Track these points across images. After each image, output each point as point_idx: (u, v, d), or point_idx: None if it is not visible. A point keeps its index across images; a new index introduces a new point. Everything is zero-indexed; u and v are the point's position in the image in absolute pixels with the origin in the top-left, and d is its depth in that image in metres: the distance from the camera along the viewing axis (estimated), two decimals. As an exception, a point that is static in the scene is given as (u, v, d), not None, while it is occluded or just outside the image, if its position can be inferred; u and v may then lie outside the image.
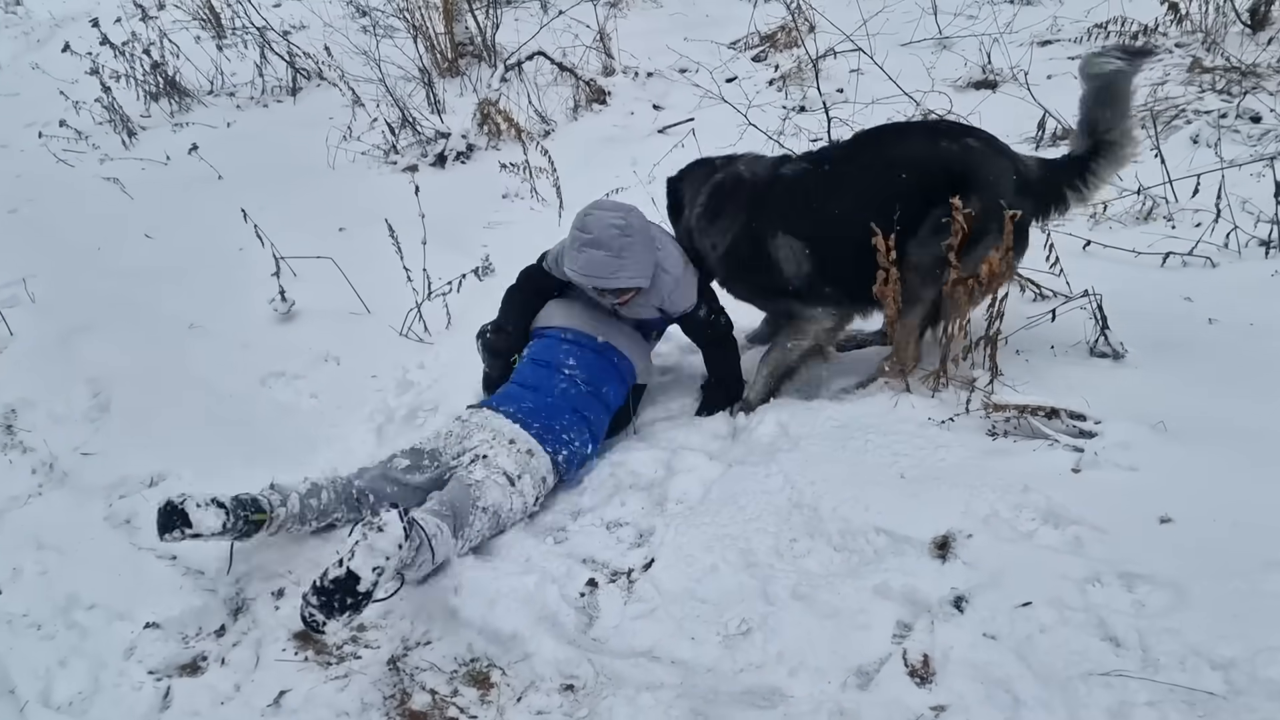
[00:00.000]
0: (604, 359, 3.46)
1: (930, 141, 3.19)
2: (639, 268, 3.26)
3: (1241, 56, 5.28)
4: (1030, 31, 6.62)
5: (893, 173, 3.13)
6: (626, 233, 3.21)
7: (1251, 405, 2.84)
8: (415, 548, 2.60)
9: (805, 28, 7.43)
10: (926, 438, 3.00)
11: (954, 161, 3.09)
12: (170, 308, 4.74)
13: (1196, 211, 4.06)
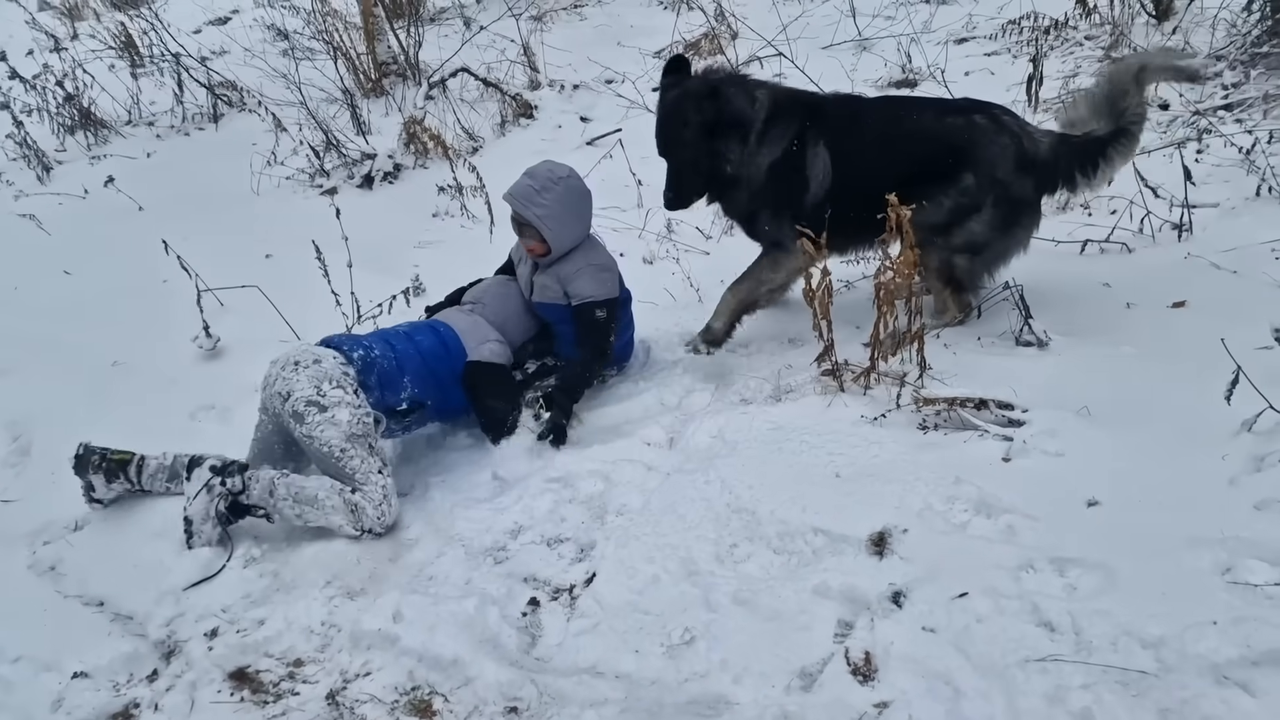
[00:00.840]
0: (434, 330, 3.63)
1: (938, 117, 3.47)
2: (553, 213, 3.58)
3: (1149, 46, 5.43)
4: (947, 30, 6.75)
5: (906, 138, 3.46)
6: (557, 181, 3.61)
7: (1169, 386, 2.90)
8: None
9: (728, 35, 7.51)
10: (860, 435, 3.02)
11: (955, 136, 3.38)
12: (92, 346, 4.61)
13: (1111, 199, 4.16)
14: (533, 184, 3.61)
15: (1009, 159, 3.35)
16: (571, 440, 3.48)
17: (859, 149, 3.50)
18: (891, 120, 3.54)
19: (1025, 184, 3.39)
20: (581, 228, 3.73)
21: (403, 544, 3.16)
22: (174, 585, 2.95)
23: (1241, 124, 4.36)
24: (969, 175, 3.36)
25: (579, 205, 3.68)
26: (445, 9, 9.73)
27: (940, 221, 3.40)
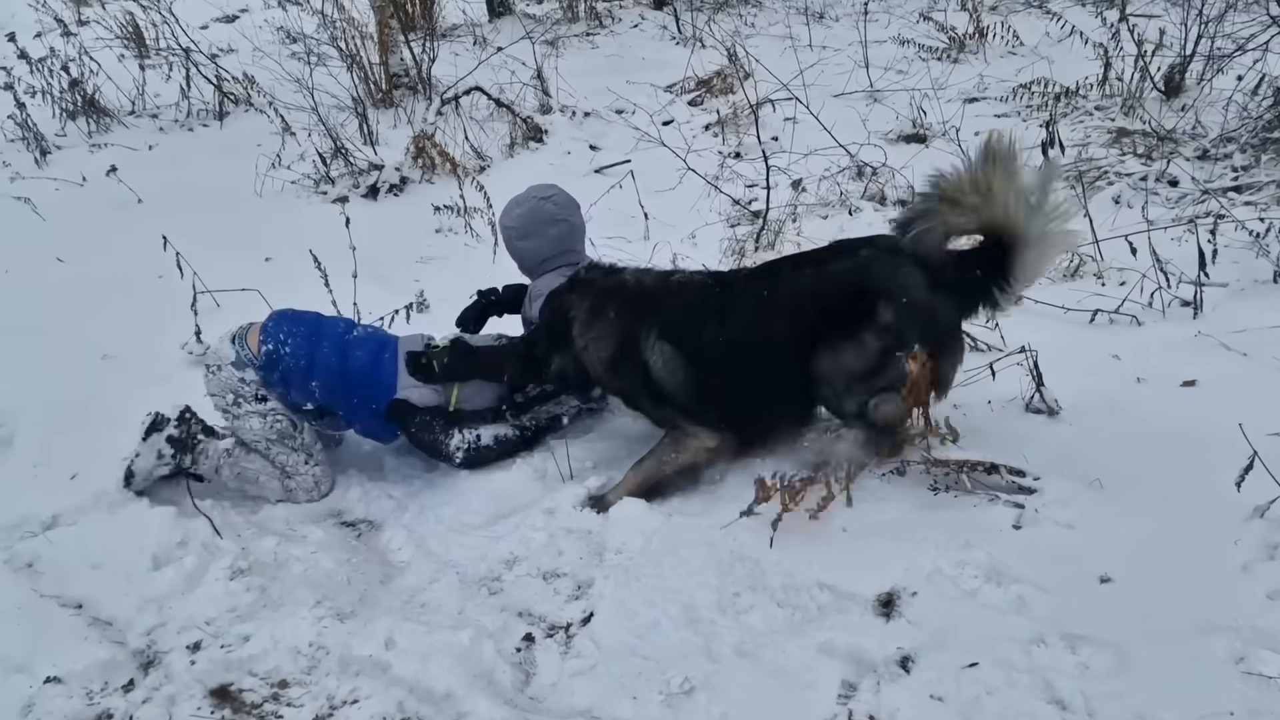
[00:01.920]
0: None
1: (820, 268, 3.04)
2: (516, 226, 3.68)
3: (1161, 121, 5.50)
4: (958, 89, 6.81)
5: (791, 306, 3.02)
6: (531, 197, 3.71)
7: (1180, 465, 2.89)
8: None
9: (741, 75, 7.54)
10: (867, 490, 2.99)
11: (850, 278, 2.97)
12: (82, 337, 4.53)
13: (1121, 270, 4.18)
14: (515, 199, 3.76)
15: (920, 282, 2.93)
16: (569, 473, 3.42)
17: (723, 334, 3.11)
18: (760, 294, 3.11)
19: (945, 306, 2.97)
20: (544, 247, 3.71)
21: (394, 567, 3.09)
22: (157, 593, 2.87)
23: (1253, 207, 4.39)
24: (886, 310, 2.92)
25: (542, 224, 3.69)
26: (457, 25, 9.75)
27: (872, 366, 2.97)
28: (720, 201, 5.62)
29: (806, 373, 3.03)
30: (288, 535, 3.23)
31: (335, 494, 3.51)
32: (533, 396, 3.74)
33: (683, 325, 3.17)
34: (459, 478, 3.47)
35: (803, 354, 3.01)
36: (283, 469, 3.45)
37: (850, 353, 2.97)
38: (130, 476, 3.39)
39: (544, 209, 3.68)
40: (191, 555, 3.01)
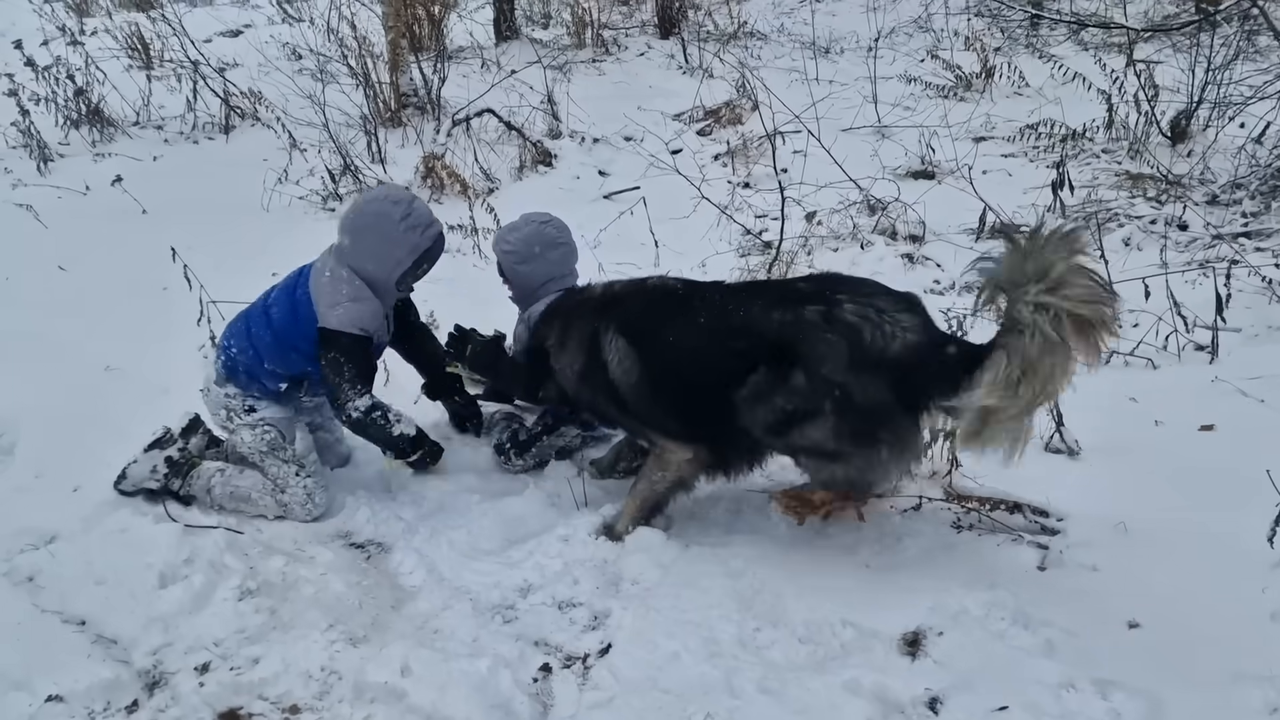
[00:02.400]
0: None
1: (765, 311, 2.86)
2: (521, 251, 3.56)
3: (1170, 166, 5.54)
4: (965, 128, 6.85)
5: (733, 331, 2.90)
6: (529, 222, 3.62)
7: (1202, 510, 2.87)
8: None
9: (749, 106, 7.58)
10: (887, 526, 2.96)
11: (779, 332, 2.80)
12: (85, 346, 4.46)
13: (1132, 312, 4.18)
14: (510, 224, 3.70)
15: (839, 356, 2.69)
16: (583, 500, 3.38)
17: (677, 337, 3.00)
18: (723, 307, 2.99)
19: (871, 386, 2.68)
20: (544, 270, 3.56)
21: (405, 591, 3.03)
22: (164, 612, 2.81)
23: (1265, 253, 4.42)
24: (799, 374, 2.74)
25: (544, 248, 3.56)
26: (464, 48, 9.77)
27: (772, 421, 2.82)
28: (731, 231, 5.62)
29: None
30: (295, 556, 3.17)
31: (343, 514, 3.44)
32: (535, 434, 3.69)
33: (639, 322, 3.09)
34: (471, 501, 3.43)
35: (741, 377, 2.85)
36: (275, 482, 3.39)
37: (761, 403, 2.83)
38: (123, 477, 3.40)
39: (545, 232, 3.61)
40: (199, 574, 2.95)
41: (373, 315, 3.29)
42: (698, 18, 10.77)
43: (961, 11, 9.91)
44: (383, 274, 3.31)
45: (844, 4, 11.64)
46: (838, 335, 2.70)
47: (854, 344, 2.68)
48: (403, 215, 3.26)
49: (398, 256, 3.30)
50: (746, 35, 9.93)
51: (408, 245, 3.29)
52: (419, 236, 3.31)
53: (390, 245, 3.28)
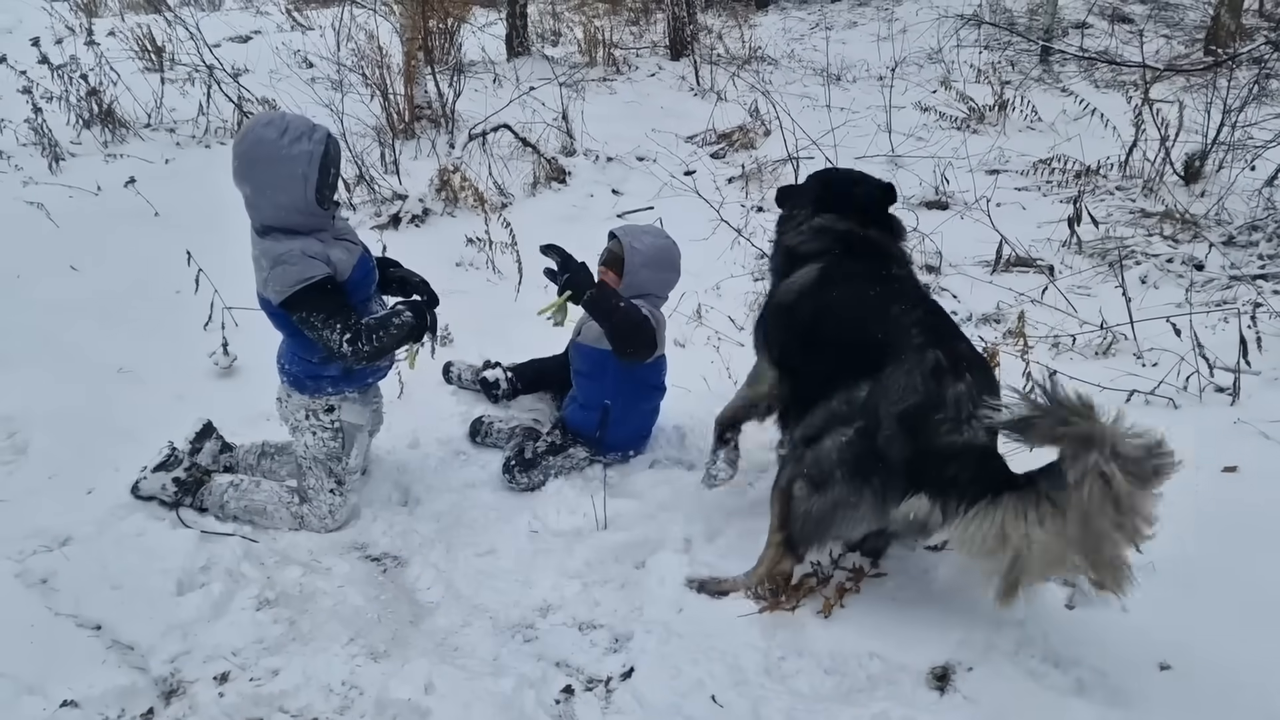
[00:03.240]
0: None
1: (906, 311, 2.79)
2: (651, 258, 3.64)
3: (1187, 206, 5.57)
4: (978, 159, 6.89)
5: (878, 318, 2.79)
6: (673, 246, 3.75)
7: (1228, 553, 2.87)
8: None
9: (762, 131, 7.62)
10: (913, 558, 2.94)
11: (884, 338, 2.72)
12: (96, 348, 4.42)
13: (1150, 351, 4.19)
14: (648, 226, 3.82)
15: (908, 400, 2.58)
16: (604, 521, 3.35)
17: (838, 309, 2.93)
18: (883, 296, 2.88)
19: (898, 444, 2.58)
20: (649, 281, 3.66)
21: (423, 607, 3.00)
22: (182, 619, 2.76)
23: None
24: (865, 387, 2.68)
25: (668, 268, 3.71)
26: (475, 62, 9.80)
27: (813, 433, 2.79)
28: (745, 254, 5.62)
29: None
30: (312, 567, 3.13)
31: (359, 526, 3.40)
32: (540, 452, 3.65)
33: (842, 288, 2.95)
34: (490, 517, 3.40)
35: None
36: (305, 489, 3.35)
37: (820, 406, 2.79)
38: (136, 489, 3.38)
39: (671, 253, 3.71)
40: (217, 581, 2.91)
41: (302, 256, 3.00)
42: (708, 40, 10.83)
43: (973, 44, 10.00)
44: (299, 200, 2.98)
45: (854, 32, 11.75)
46: (923, 379, 2.59)
47: (926, 401, 2.58)
48: (280, 132, 2.94)
49: (300, 172, 2.94)
50: (758, 60, 10.00)
51: (303, 158, 2.94)
52: (309, 144, 2.95)
53: (286, 164, 2.93)
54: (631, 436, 3.79)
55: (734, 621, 2.74)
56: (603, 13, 12.52)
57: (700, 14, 11.78)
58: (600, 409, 3.59)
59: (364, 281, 3.30)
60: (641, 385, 3.70)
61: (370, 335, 3.07)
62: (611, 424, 3.61)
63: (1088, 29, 10.97)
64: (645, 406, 3.80)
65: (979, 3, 11.82)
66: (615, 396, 3.61)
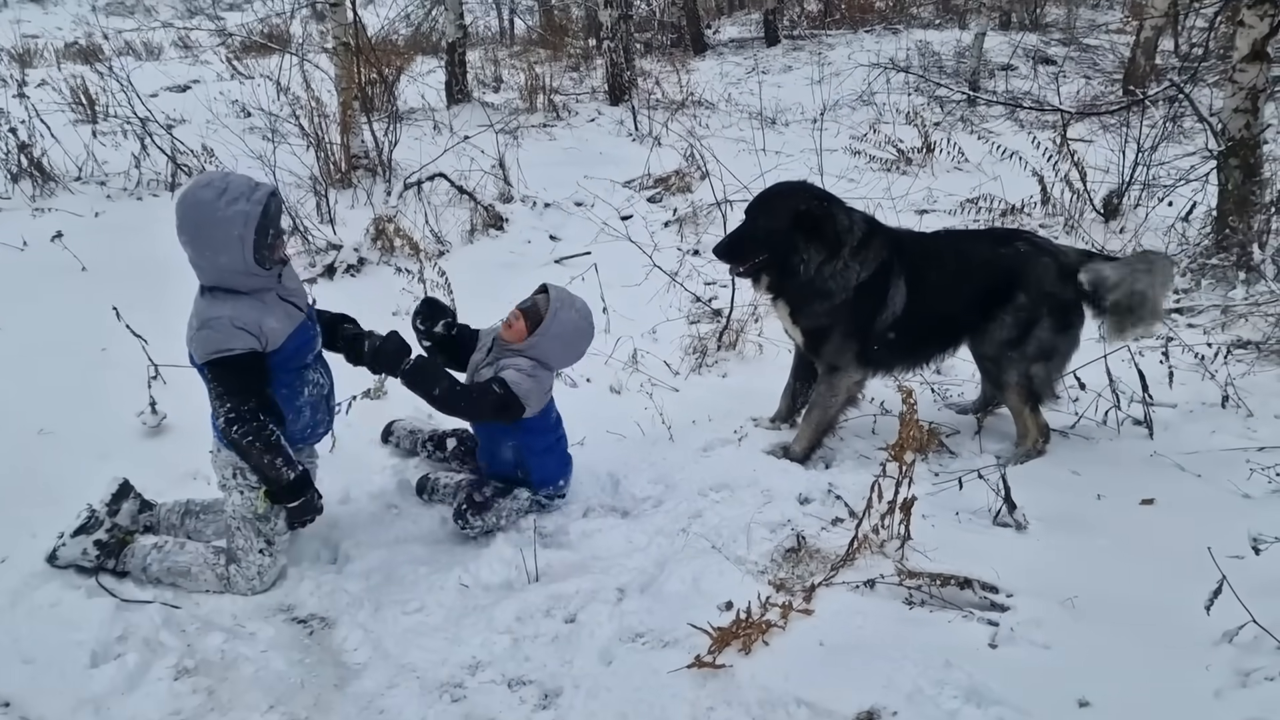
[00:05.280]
0: None
1: (992, 249, 3.95)
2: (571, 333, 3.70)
3: (1104, 241, 5.74)
4: (907, 200, 7.04)
5: (970, 271, 3.90)
6: (589, 325, 3.76)
7: (1146, 585, 2.94)
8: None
9: (698, 174, 7.71)
10: (841, 603, 2.96)
11: (1008, 263, 3.85)
12: (17, 408, 4.30)
13: (1070, 388, 4.29)
14: (576, 299, 3.73)
15: (1052, 273, 3.81)
16: (535, 574, 3.33)
17: (931, 283, 3.85)
18: (957, 255, 3.97)
19: (1068, 290, 3.82)
20: (552, 351, 3.67)
21: (349, 669, 2.94)
22: (95, 693, 2.68)
23: (1197, 329, 4.58)
24: (1021, 294, 3.80)
25: (572, 338, 3.71)
26: (415, 109, 9.83)
27: (1013, 336, 3.83)
28: (680, 298, 5.67)
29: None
30: (235, 632, 3.06)
31: (286, 586, 3.34)
32: (489, 496, 3.64)
33: (920, 269, 3.86)
34: (420, 573, 3.36)
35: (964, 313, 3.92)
36: (231, 554, 3.27)
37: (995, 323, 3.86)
38: (54, 558, 3.27)
39: (586, 337, 3.75)
40: (133, 652, 2.84)
41: (229, 326, 3.01)
42: (647, 85, 10.99)
43: (901, 87, 10.26)
44: (238, 261, 2.98)
45: (789, 76, 12.00)
46: (1048, 258, 3.86)
47: (1057, 263, 3.84)
48: (218, 193, 2.94)
49: (236, 234, 2.93)
50: (695, 104, 10.15)
51: (239, 219, 2.93)
52: (247, 205, 2.94)
53: (223, 226, 2.93)
54: (555, 468, 3.77)
55: (662, 675, 2.73)
56: (544, 59, 12.65)
57: (639, 59, 11.96)
58: (509, 451, 3.65)
59: (298, 352, 3.28)
60: (533, 431, 3.68)
61: (246, 433, 3.08)
62: (528, 462, 3.65)
63: (1013, 70, 11.33)
64: (549, 440, 3.77)
65: (908, 47, 12.16)
66: (514, 438, 3.65)
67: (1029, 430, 3.88)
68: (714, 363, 5.02)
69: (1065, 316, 3.85)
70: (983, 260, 3.92)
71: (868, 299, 3.82)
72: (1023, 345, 3.83)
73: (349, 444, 4.14)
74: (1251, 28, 5.26)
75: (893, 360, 4.04)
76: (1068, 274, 3.82)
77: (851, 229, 3.81)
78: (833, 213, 3.80)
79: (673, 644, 2.89)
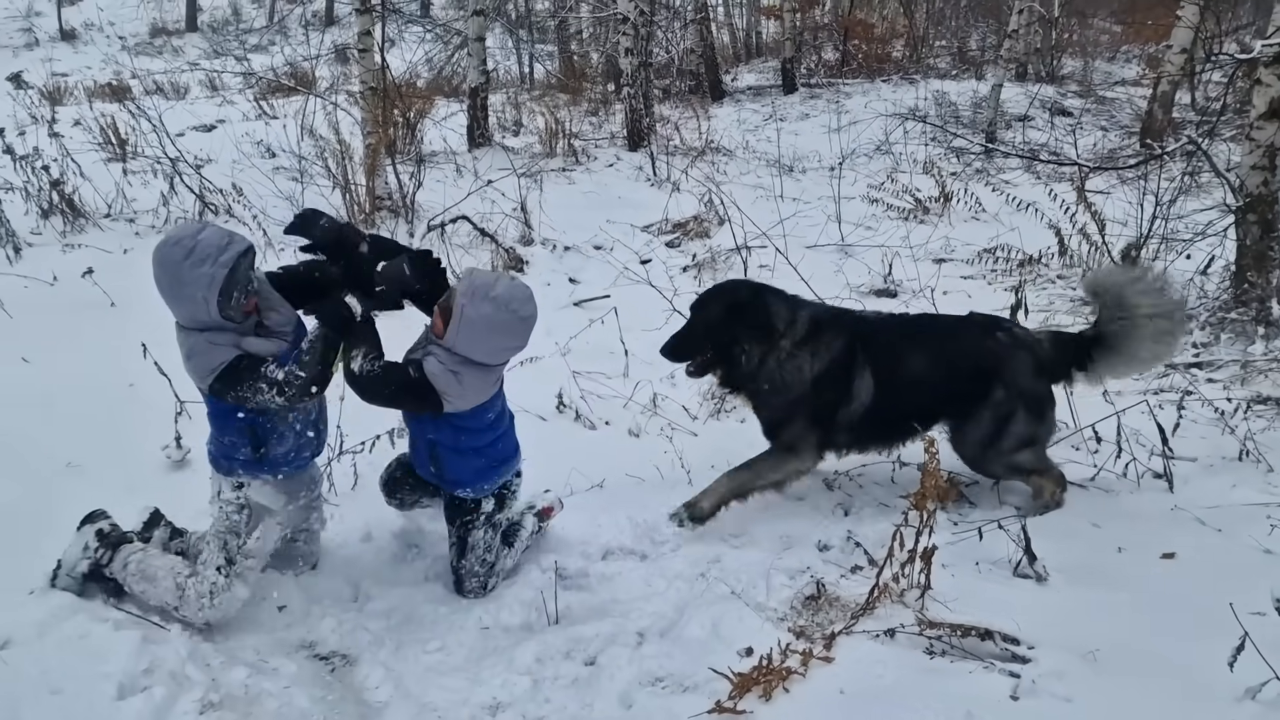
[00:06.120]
0: None
1: (973, 340, 3.90)
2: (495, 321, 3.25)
3: (1121, 295, 5.77)
4: (925, 249, 7.10)
5: (945, 362, 3.85)
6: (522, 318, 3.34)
7: (1168, 640, 2.93)
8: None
9: (716, 220, 7.81)
10: (861, 651, 2.96)
11: (986, 358, 3.82)
12: (45, 441, 4.37)
13: (1089, 440, 4.31)
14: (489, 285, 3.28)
15: (1029, 367, 3.82)
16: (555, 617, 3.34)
17: (905, 375, 3.85)
18: (935, 344, 3.92)
19: (1042, 384, 3.86)
20: (476, 342, 3.25)
21: (370, 707, 2.96)
22: (119, 728, 2.70)
23: (1217, 384, 4.59)
24: (999, 389, 3.78)
25: (500, 333, 3.29)
26: (437, 152, 9.99)
27: (989, 434, 3.82)
28: (699, 343, 5.71)
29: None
30: (259, 667, 3.08)
31: (308, 623, 3.37)
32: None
33: (888, 358, 3.85)
34: (440, 613, 3.38)
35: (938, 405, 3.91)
36: (197, 560, 3.26)
37: (971, 421, 3.85)
38: (57, 569, 3.31)
39: (507, 328, 3.28)
40: (159, 685, 2.85)
41: (208, 346, 3.06)
42: (665, 131, 11.15)
43: (918, 137, 10.37)
44: (202, 315, 3.02)
45: (807, 124, 12.16)
46: (1026, 352, 3.85)
47: (1034, 358, 3.84)
48: (185, 255, 2.94)
49: (200, 295, 2.96)
50: (713, 151, 10.29)
51: (203, 281, 2.94)
52: (212, 268, 2.94)
53: (188, 287, 2.96)
54: (476, 473, 3.51)
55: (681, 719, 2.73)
56: (564, 104, 12.86)
57: (658, 105, 12.15)
58: (426, 445, 3.48)
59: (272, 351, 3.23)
60: (464, 430, 3.45)
61: (294, 375, 3.07)
62: (442, 460, 3.47)
63: (1029, 121, 11.45)
64: (479, 441, 3.50)
65: (924, 97, 12.30)
66: (437, 432, 3.45)
67: (1043, 486, 3.87)
68: (732, 408, 5.05)
69: (1040, 407, 3.85)
70: (963, 351, 3.88)
71: (829, 391, 3.83)
72: (1000, 441, 3.82)
73: (371, 482, 4.15)
74: (1269, 86, 5.33)
75: (861, 445, 4.01)
76: (1044, 368, 3.85)
77: (794, 319, 3.85)
78: (766, 303, 3.85)
79: (693, 689, 2.89)
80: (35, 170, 7.27)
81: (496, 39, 16.21)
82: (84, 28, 26.09)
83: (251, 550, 3.29)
